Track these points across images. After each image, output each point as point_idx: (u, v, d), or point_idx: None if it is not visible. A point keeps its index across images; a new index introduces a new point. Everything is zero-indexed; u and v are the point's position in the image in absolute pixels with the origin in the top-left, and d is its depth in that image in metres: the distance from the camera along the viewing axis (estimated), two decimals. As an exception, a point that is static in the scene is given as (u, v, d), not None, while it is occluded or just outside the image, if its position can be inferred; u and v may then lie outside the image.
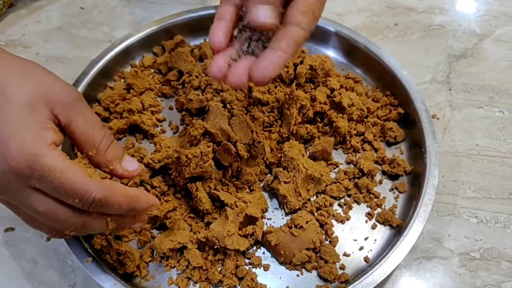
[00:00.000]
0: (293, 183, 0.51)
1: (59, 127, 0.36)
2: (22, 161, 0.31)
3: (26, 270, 0.49)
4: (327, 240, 0.50)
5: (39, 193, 0.33)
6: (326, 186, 0.53)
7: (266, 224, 0.51)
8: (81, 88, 0.57)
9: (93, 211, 0.35)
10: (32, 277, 0.49)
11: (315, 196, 0.53)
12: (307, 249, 0.47)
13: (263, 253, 0.49)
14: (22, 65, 0.36)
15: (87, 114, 0.37)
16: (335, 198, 0.53)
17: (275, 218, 0.51)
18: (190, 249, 0.47)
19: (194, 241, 0.47)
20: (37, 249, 0.50)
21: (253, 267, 0.48)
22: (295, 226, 0.48)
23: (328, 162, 0.55)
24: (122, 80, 0.62)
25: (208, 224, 0.49)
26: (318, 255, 0.48)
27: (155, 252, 0.48)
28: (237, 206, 0.48)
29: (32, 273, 0.49)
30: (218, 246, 0.46)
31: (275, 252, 0.48)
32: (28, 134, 0.32)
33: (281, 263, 0.48)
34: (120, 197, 0.35)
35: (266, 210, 0.52)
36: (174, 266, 0.48)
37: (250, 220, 0.49)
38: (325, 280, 0.47)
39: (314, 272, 0.48)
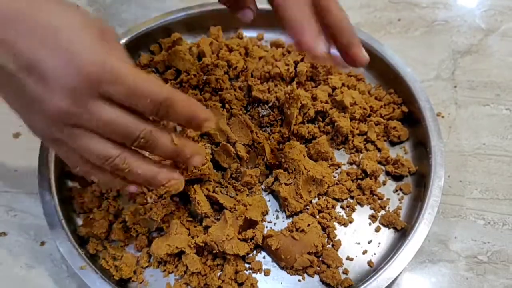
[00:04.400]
0: (294, 185, 0.49)
1: None
2: (98, 63, 0.32)
3: (20, 276, 0.48)
4: (329, 244, 0.48)
5: (106, 101, 0.33)
6: (328, 187, 0.51)
7: (267, 227, 0.49)
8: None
9: (157, 116, 0.35)
10: (27, 283, 0.48)
11: (316, 198, 0.51)
12: (308, 253, 0.46)
13: (264, 257, 0.48)
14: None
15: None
16: (337, 200, 0.51)
17: (276, 221, 0.50)
18: (188, 254, 0.45)
19: (192, 246, 0.46)
20: (31, 254, 0.49)
21: (253, 272, 0.47)
22: (296, 230, 0.47)
23: (330, 162, 0.53)
24: (118, 79, 0.61)
25: (206, 228, 0.47)
26: (320, 259, 0.47)
27: (152, 257, 0.47)
28: (236, 209, 0.47)
29: (26, 280, 0.48)
30: (217, 251, 0.45)
31: (276, 256, 0.47)
32: (100, 48, 0.33)
33: (282, 268, 0.47)
34: (184, 100, 0.36)
35: (267, 213, 0.50)
36: (172, 272, 0.46)
37: (250, 223, 0.47)
38: (327, 285, 0.46)
39: (316, 277, 0.47)
